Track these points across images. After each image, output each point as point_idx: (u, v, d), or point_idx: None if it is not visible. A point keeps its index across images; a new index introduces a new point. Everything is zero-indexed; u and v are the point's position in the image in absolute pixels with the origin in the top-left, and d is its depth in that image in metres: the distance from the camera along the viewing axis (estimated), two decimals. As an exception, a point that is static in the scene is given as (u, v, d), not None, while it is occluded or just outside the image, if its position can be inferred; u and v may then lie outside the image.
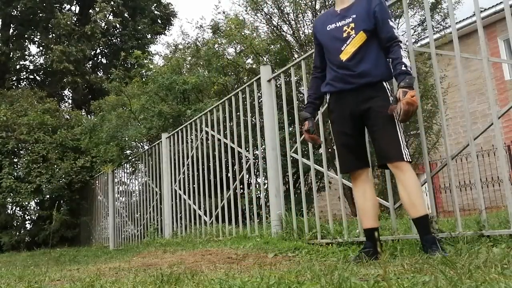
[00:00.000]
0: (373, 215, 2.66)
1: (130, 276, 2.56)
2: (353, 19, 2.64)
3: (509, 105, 2.54)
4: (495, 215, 4.26)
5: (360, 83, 2.58)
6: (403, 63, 2.48)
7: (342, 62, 2.63)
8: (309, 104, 2.94)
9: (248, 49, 8.18)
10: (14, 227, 11.50)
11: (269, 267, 2.54)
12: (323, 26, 2.78)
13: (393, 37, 2.57)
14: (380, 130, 2.53)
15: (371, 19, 2.60)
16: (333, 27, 2.71)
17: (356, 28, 2.61)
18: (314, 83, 2.91)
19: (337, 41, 2.67)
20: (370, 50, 2.60)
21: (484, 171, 9.39)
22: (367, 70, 2.56)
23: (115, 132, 8.33)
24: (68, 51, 13.33)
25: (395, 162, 2.49)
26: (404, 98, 2.38)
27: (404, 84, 2.42)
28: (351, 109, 2.62)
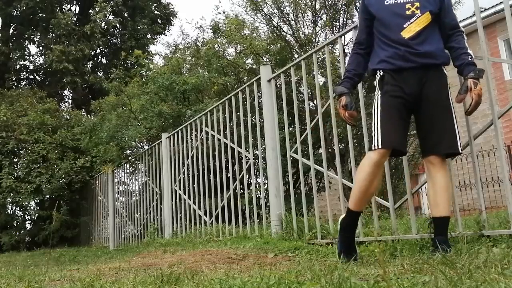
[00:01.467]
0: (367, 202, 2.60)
1: (130, 276, 2.56)
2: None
3: (509, 105, 2.54)
4: (495, 215, 4.25)
5: (422, 63, 2.44)
6: (470, 54, 2.43)
7: (404, 39, 2.46)
8: (347, 79, 2.67)
9: (248, 49, 8.19)
10: (14, 227, 11.50)
11: (269, 267, 2.54)
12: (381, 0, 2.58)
13: (457, 25, 2.52)
14: (437, 117, 2.42)
15: (437, 2, 2.51)
16: (393, 2, 2.53)
17: (422, 7, 2.48)
18: (355, 59, 2.69)
19: (399, 17, 2.50)
20: (433, 32, 2.50)
21: (484, 171, 9.38)
22: (431, 51, 2.46)
23: (115, 132, 8.33)
24: (68, 51, 13.33)
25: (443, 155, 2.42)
26: (476, 89, 2.31)
27: (474, 75, 2.35)
28: (409, 89, 2.45)
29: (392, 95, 2.47)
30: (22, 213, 11.70)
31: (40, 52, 16.19)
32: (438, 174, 2.42)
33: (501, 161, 2.71)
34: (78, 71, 13.91)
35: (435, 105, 2.44)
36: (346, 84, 2.66)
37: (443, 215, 2.39)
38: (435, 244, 2.31)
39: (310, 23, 8.10)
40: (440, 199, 2.40)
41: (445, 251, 2.20)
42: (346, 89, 2.64)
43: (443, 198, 2.40)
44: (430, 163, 2.45)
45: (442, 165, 2.43)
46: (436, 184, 2.41)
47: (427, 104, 2.44)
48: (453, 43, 2.50)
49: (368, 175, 2.44)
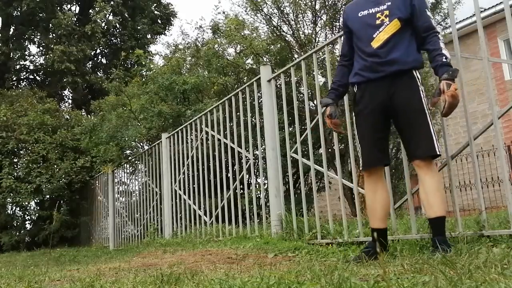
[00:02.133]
0: (382, 216, 2.59)
1: (130, 276, 2.56)
2: (388, 7, 2.56)
3: (509, 105, 2.54)
4: (495, 215, 4.26)
5: (389, 71, 2.50)
6: (444, 55, 2.41)
7: (373, 49, 2.54)
8: (332, 90, 2.83)
9: (248, 49, 8.19)
10: (14, 227, 11.50)
11: (269, 267, 2.54)
12: (355, 12, 2.68)
13: (431, 27, 2.50)
14: (411, 122, 2.45)
15: (407, 7, 2.53)
16: (365, 14, 2.62)
17: (391, 15, 2.53)
18: (340, 71, 2.81)
19: (369, 27, 2.58)
20: (403, 38, 2.52)
21: (484, 171, 9.38)
22: (397, 57, 2.49)
23: (115, 132, 8.33)
24: (69, 51, 13.34)
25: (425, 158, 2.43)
26: (449, 90, 2.29)
27: (448, 76, 2.33)
28: (380, 100, 2.53)
29: (364, 115, 2.59)
30: (22, 213, 11.70)
31: (41, 52, 16.19)
32: (426, 177, 2.43)
33: (501, 161, 2.71)
34: (79, 71, 13.91)
35: (408, 111, 2.47)
36: (331, 95, 2.82)
37: (438, 215, 2.40)
38: (435, 244, 2.31)
39: (310, 23, 8.10)
40: (433, 200, 2.41)
41: (445, 251, 2.20)
42: (331, 100, 2.79)
43: (436, 199, 2.40)
44: (417, 167, 2.48)
45: (428, 167, 2.44)
46: (426, 186, 2.43)
47: (401, 111, 2.49)
48: (428, 45, 2.51)
49: (367, 190, 2.63)
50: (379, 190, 2.59)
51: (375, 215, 2.60)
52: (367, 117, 2.58)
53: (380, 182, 2.60)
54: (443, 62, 2.40)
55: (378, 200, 2.59)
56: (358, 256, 2.50)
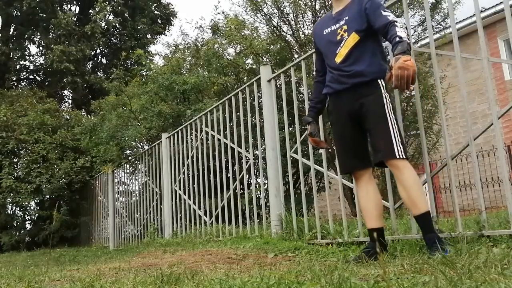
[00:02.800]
0: (376, 216, 2.64)
1: (130, 276, 2.56)
2: (346, 21, 2.66)
3: (509, 105, 2.54)
4: (495, 215, 4.26)
5: (353, 83, 2.59)
6: (397, 36, 2.38)
7: (336, 64, 2.66)
8: (311, 108, 2.97)
9: (248, 49, 8.19)
10: (14, 227, 11.50)
11: (269, 267, 2.54)
12: (321, 30, 2.82)
13: (387, 22, 2.48)
14: (373, 127, 2.54)
15: (363, 18, 2.59)
16: (328, 31, 2.75)
17: (349, 29, 2.63)
18: (316, 87, 2.93)
19: (332, 44, 2.70)
20: (364, 50, 2.60)
21: (484, 171, 9.38)
22: (360, 70, 2.57)
23: (115, 132, 8.33)
24: (68, 51, 13.34)
25: (389, 160, 2.48)
26: (396, 63, 2.28)
27: (397, 51, 2.32)
28: (347, 109, 2.64)
29: (337, 124, 2.75)
30: (22, 213, 11.70)
31: (41, 52, 16.20)
32: (401, 176, 2.46)
33: (501, 161, 2.71)
34: (78, 71, 13.91)
35: (370, 117, 2.55)
36: (310, 114, 2.96)
37: (422, 211, 2.41)
38: (430, 242, 2.34)
39: (310, 23, 8.10)
40: (414, 196, 2.42)
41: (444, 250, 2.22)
42: (311, 118, 2.93)
43: (415, 195, 2.42)
44: (392, 167, 2.51)
45: (401, 167, 2.46)
46: (404, 185, 2.45)
47: (364, 118, 2.58)
48: (388, 36, 2.48)
49: (359, 193, 2.75)
50: (370, 190, 2.66)
51: (369, 216, 2.66)
52: (338, 126, 2.74)
53: (369, 184, 2.67)
54: (395, 41, 2.37)
55: (371, 199, 2.65)
56: (358, 256, 2.51)
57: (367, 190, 2.66)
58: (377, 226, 2.63)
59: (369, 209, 2.65)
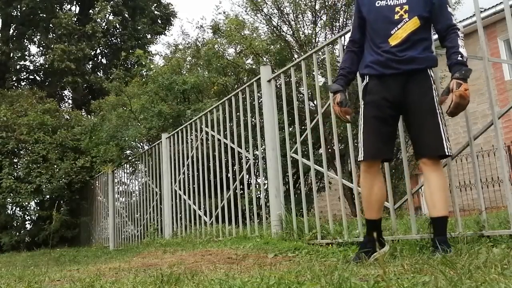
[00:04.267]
0: (377, 209, 2.56)
1: (130, 276, 2.56)
2: (408, 1, 2.45)
3: (509, 106, 2.54)
4: (495, 215, 4.25)
5: (404, 69, 2.43)
6: (460, 53, 2.32)
7: (389, 46, 2.45)
8: (341, 76, 2.68)
9: (248, 49, 8.19)
10: (14, 227, 11.50)
11: (269, 268, 2.54)
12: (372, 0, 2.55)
13: (451, 24, 2.40)
14: (421, 121, 2.41)
15: (427, 4, 2.44)
16: (383, 4, 2.50)
17: (410, 11, 2.43)
18: (349, 57, 2.69)
19: (387, 22, 2.47)
20: (421, 36, 2.45)
21: (484, 171, 9.38)
22: (415, 56, 2.42)
23: (115, 132, 8.33)
24: (69, 50, 13.35)
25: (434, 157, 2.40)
26: (458, 90, 2.22)
27: (459, 75, 2.26)
28: (392, 94, 2.46)
29: (374, 105, 2.50)
30: (22, 213, 11.70)
31: (41, 52, 16.20)
32: (432, 175, 2.41)
33: (501, 161, 2.71)
34: (79, 71, 13.92)
35: (420, 109, 2.42)
36: (340, 82, 2.67)
37: (440, 215, 2.38)
38: (435, 244, 2.30)
39: (310, 23, 8.10)
40: (437, 199, 2.38)
41: (445, 251, 2.20)
42: (340, 86, 2.65)
43: (440, 198, 2.38)
44: (424, 165, 2.44)
45: (435, 166, 2.42)
46: (431, 185, 2.40)
47: (413, 109, 2.44)
48: (447, 42, 2.43)
49: (364, 183, 2.55)
50: (376, 184, 2.53)
51: (370, 208, 2.56)
52: (376, 108, 2.49)
53: (378, 177, 2.55)
54: (458, 61, 2.32)
55: (374, 194, 2.53)
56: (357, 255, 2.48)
57: (373, 183, 2.52)
58: (376, 218, 2.56)
59: (372, 201, 2.54)
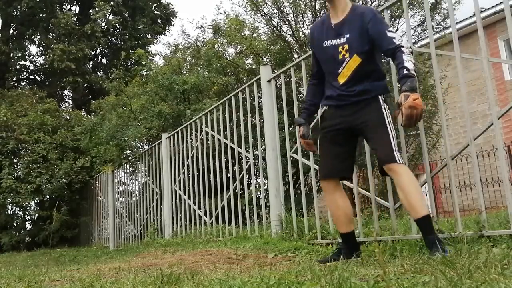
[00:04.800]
0: (346, 222, 2.74)
1: (130, 276, 2.56)
2: (347, 40, 2.60)
3: (509, 106, 2.54)
4: (495, 215, 4.25)
5: (355, 101, 2.62)
6: (405, 67, 2.41)
7: (339, 84, 2.65)
8: (304, 110, 2.95)
9: (248, 49, 8.19)
10: (14, 227, 11.50)
11: (269, 268, 2.54)
12: (320, 40, 2.74)
13: (394, 46, 2.49)
14: (373, 137, 2.57)
15: (365, 39, 2.56)
16: (329, 45, 2.68)
17: (350, 50, 2.60)
18: (310, 90, 2.93)
19: (334, 62, 2.67)
20: (366, 69, 2.60)
21: (484, 171, 9.38)
22: (363, 89, 2.60)
23: (115, 132, 8.33)
24: (68, 50, 13.35)
25: (387, 165, 2.50)
26: (406, 102, 2.32)
27: (406, 87, 2.35)
28: (345, 120, 2.66)
29: (327, 130, 2.74)
30: (22, 213, 11.71)
31: (41, 52, 16.20)
32: (399, 180, 2.48)
33: (501, 161, 2.71)
34: (79, 70, 13.91)
35: (371, 125, 2.58)
36: (303, 115, 2.93)
37: (422, 215, 2.42)
38: (429, 244, 2.35)
39: (310, 23, 8.10)
40: (414, 201, 2.43)
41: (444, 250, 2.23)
42: (303, 119, 2.90)
43: (415, 199, 2.43)
44: (391, 172, 2.52)
45: (401, 171, 2.47)
46: (403, 190, 2.46)
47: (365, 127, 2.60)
48: (394, 61, 2.52)
49: (327, 201, 2.81)
50: (338, 200, 2.72)
51: (339, 223, 2.78)
52: (331, 132, 2.72)
53: (337, 193, 2.73)
54: (403, 75, 2.40)
55: (338, 209, 2.73)
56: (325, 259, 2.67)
57: (334, 198, 2.73)
58: (348, 231, 2.74)
59: (339, 215, 2.74)
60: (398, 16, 7.62)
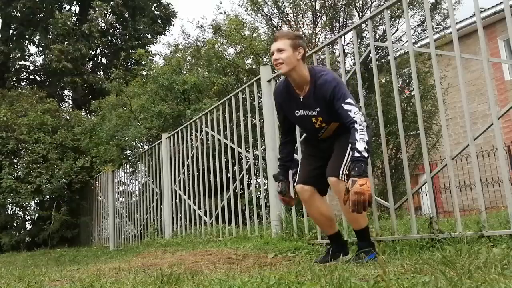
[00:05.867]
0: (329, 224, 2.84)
1: (130, 276, 2.56)
2: (319, 113, 2.67)
3: (509, 106, 2.54)
4: (495, 215, 4.25)
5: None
6: (355, 149, 2.43)
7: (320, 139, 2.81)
8: (281, 167, 3.00)
9: (248, 49, 8.19)
10: (14, 227, 11.49)
11: (269, 268, 2.54)
12: (290, 108, 2.77)
13: (348, 121, 2.52)
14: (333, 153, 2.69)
15: (332, 109, 2.60)
16: (302, 114, 2.73)
17: (326, 121, 2.69)
18: (284, 148, 2.98)
19: (312, 129, 2.77)
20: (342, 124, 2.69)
21: (484, 171, 9.38)
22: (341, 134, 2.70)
23: (115, 132, 8.33)
24: (66, 50, 13.34)
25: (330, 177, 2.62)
26: (352, 188, 2.35)
27: (354, 173, 2.40)
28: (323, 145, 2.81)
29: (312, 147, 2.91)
30: (22, 214, 11.70)
31: (40, 52, 16.19)
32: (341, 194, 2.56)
33: (501, 161, 2.71)
34: (77, 71, 13.90)
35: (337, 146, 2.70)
36: (281, 172, 3.01)
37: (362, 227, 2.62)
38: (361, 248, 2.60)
39: (310, 24, 8.10)
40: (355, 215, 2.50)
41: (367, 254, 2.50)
42: (281, 176, 2.98)
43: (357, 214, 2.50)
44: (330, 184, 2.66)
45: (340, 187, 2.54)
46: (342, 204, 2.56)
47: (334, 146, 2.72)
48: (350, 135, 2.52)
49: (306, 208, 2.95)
50: (315, 203, 2.80)
51: (321, 225, 2.92)
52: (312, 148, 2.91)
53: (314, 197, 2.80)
54: (353, 158, 2.44)
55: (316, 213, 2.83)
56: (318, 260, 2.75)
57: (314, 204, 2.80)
58: (333, 233, 2.85)
59: (320, 219, 2.85)
60: (398, 16, 7.61)
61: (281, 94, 2.81)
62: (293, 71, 2.63)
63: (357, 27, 3.96)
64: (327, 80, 2.57)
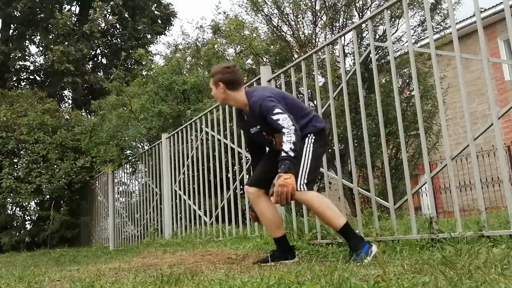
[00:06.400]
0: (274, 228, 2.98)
1: (130, 276, 2.56)
2: (261, 128, 2.89)
3: (509, 106, 2.54)
4: (495, 215, 4.25)
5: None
6: (283, 149, 2.61)
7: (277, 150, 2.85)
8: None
9: (247, 49, 8.19)
10: (14, 227, 11.49)
11: (269, 268, 2.54)
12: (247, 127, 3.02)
13: (279, 128, 2.67)
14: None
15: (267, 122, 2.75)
16: (254, 131, 2.97)
17: (270, 133, 2.88)
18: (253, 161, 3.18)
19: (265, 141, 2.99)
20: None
21: (484, 171, 9.38)
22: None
23: (115, 132, 8.33)
24: (68, 51, 13.34)
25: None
26: (277, 181, 2.54)
27: (280, 170, 2.57)
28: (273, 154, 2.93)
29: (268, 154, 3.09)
30: (22, 214, 11.70)
31: (40, 52, 16.20)
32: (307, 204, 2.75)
33: (501, 161, 2.71)
34: (78, 71, 13.91)
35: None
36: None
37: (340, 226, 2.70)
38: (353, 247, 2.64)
39: (310, 24, 8.10)
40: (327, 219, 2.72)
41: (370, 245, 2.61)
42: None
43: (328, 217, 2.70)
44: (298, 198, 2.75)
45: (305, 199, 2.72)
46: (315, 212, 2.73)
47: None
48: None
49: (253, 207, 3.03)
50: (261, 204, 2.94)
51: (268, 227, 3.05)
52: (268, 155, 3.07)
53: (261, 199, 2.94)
54: (280, 157, 2.60)
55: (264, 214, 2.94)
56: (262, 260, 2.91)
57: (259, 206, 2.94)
58: (278, 236, 2.97)
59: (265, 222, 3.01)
60: (398, 16, 7.61)
61: (238, 116, 3.11)
62: (226, 101, 2.99)
63: (357, 27, 3.96)
64: (254, 102, 2.80)
